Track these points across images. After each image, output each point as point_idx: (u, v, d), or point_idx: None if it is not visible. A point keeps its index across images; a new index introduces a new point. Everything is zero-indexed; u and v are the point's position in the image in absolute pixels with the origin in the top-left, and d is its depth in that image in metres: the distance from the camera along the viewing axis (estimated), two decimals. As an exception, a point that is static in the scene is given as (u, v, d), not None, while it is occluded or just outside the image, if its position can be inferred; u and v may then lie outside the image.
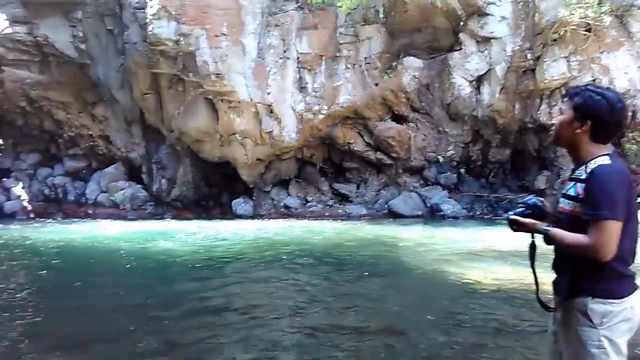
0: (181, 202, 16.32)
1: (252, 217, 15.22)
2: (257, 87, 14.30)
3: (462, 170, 15.73)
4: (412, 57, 14.91)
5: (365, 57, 14.73)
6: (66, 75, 15.58)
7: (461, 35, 14.55)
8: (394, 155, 15.19)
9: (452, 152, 15.43)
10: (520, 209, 2.17)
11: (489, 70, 14.52)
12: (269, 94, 14.42)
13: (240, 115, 14.51)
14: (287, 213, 15.43)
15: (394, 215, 14.52)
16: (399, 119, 15.33)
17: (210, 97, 14.23)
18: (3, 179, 17.08)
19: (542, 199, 2.22)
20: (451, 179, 15.46)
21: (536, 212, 2.14)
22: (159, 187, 16.16)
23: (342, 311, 4.69)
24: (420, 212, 14.66)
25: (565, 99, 2.13)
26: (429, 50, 15.09)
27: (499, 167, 16.05)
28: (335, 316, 4.54)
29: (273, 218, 15.03)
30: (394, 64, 14.91)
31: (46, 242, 9.57)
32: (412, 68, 14.82)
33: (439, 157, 15.38)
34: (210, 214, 16.30)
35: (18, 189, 16.75)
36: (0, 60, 15.23)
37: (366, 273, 6.48)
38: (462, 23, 14.44)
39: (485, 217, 14.49)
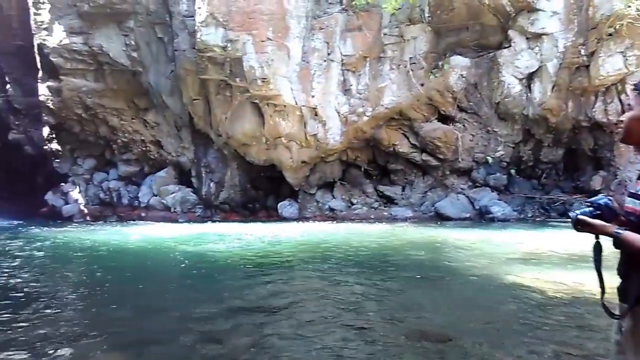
0: (229, 204, 16.64)
1: (297, 220, 15.33)
2: (302, 91, 14.41)
3: (513, 171, 15.29)
4: (458, 56, 14.62)
5: (410, 57, 14.57)
6: (119, 83, 16.20)
7: (510, 32, 14.15)
8: (440, 156, 14.94)
9: (501, 152, 15.03)
10: (588, 209, 2.06)
11: (540, 67, 14.07)
12: (313, 96, 14.50)
13: (286, 119, 14.66)
14: (332, 215, 15.46)
15: (440, 218, 14.28)
16: (445, 119, 15.07)
17: (256, 101, 14.46)
18: (61, 184, 17.92)
19: (612, 198, 2.09)
20: (501, 180, 15.05)
21: (606, 213, 2.02)
22: (208, 191, 16.53)
23: (390, 315, 4.64)
24: (468, 215, 14.35)
25: (635, 94, 1.99)
26: (477, 48, 14.75)
27: (551, 167, 15.52)
28: (384, 320, 4.49)
29: (318, 220, 15.08)
30: (440, 63, 14.66)
31: (103, 244, 9.97)
32: (459, 67, 14.54)
33: (487, 157, 15.00)
34: (256, 216, 16.54)
35: (75, 193, 17.54)
36: (58, 69, 16.01)
37: (416, 276, 6.39)
38: (511, 19, 14.05)
39: (538, 219, 14.02)
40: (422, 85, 14.60)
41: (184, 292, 5.55)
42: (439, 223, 13.75)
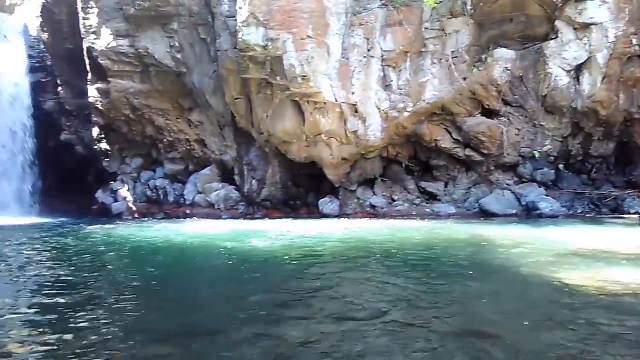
0: (270, 202, 16.85)
1: (338, 217, 15.37)
2: (342, 88, 14.41)
3: (561, 166, 14.81)
4: (503, 49, 14.26)
5: (453, 51, 14.32)
6: (165, 84, 16.66)
7: (557, 23, 13.69)
8: (485, 151, 14.63)
9: (549, 147, 14.58)
10: None
11: (589, 58, 13.56)
12: (353, 93, 14.48)
13: (326, 116, 14.70)
14: (373, 212, 15.40)
15: (485, 215, 13.99)
16: (489, 113, 14.74)
17: (296, 99, 14.56)
18: (111, 182, 18.61)
19: None
20: (549, 176, 14.60)
21: None
22: (250, 188, 16.79)
23: (436, 312, 4.59)
24: (514, 211, 14.00)
25: None
26: (522, 40, 14.34)
27: (602, 161, 14.94)
28: (429, 317, 4.45)
29: (359, 217, 15.07)
30: (483, 56, 14.35)
31: (152, 240, 10.29)
32: (503, 60, 14.18)
33: (534, 152, 14.58)
34: (298, 213, 16.69)
35: (124, 191, 18.18)
36: (106, 72, 16.61)
37: (461, 273, 6.29)
38: (557, 10, 13.58)
39: (588, 216, 13.53)
40: (465, 79, 14.33)
41: (232, 287, 5.67)
42: (482, 219, 13.49)
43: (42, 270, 6.87)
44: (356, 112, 14.67)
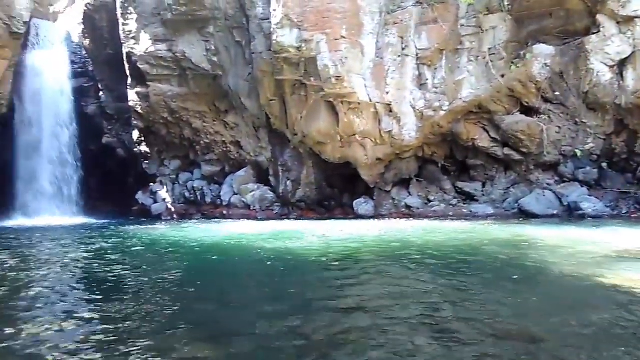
0: (305, 202, 16.93)
1: (373, 217, 15.29)
2: (376, 87, 14.34)
3: (604, 165, 14.28)
4: (542, 44, 13.87)
5: (490, 48, 14.04)
6: (201, 87, 16.98)
7: (599, 17, 13.21)
8: (524, 150, 14.28)
9: (591, 144, 14.09)
10: None
11: (633, 53, 13.02)
12: (387, 93, 14.39)
13: (360, 116, 14.66)
14: (409, 213, 15.26)
15: (525, 215, 13.65)
16: (528, 111, 14.37)
17: (330, 99, 14.57)
18: (150, 184, 19.09)
19: None
20: (591, 175, 14.11)
21: None
22: (285, 189, 16.91)
23: (474, 314, 4.50)
24: (555, 212, 13.60)
25: None
26: (562, 35, 13.91)
27: (648, 159, 14.33)
28: (467, 319, 4.37)
29: (394, 218, 14.96)
30: (521, 52, 14.00)
31: (190, 240, 10.50)
32: (542, 56, 13.79)
33: (576, 150, 14.13)
34: (332, 214, 16.70)
35: (163, 193, 18.63)
36: (145, 76, 17.06)
37: (499, 275, 6.16)
38: (599, 4, 13.11)
39: (634, 216, 13.01)
40: (502, 76, 14.02)
41: (270, 287, 5.72)
42: (521, 219, 13.17)
43: (86, 268, 7.11)
44: (390, 111, 14.57)
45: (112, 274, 6.61)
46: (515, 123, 14.21)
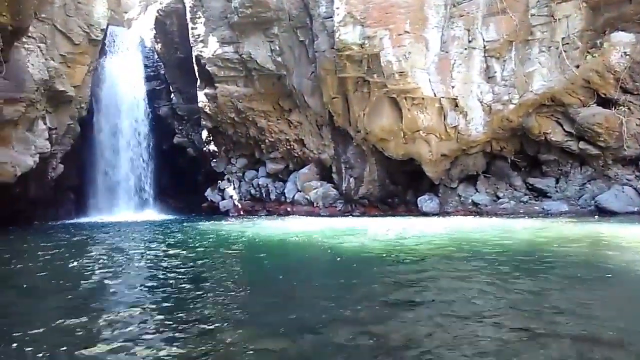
0: (368, 199, 16.88)
1: (438, 214, 15.00)
2: (441, 82, 14.04)
3: (693, 159, 13.23)
4: (621, 32, 13.02)
5: (563, 38, 13.35)
6: (266, 87, 17.34)
7: (687, -1, 12.23)
8: (601, 144, 13.47)
9: (677, 137, 13.08)
10: None
11: None
12: (453, 87, 14.05)
13: (424, 112, 14.42)
14: (476, 210, 14.83)
15: (602, 212, 12.88)
16: (606, 103, 13.54)
17: (394, 95, 14.43)
18: (218, 181, 19.74)
19: None
20: (677, 170, 13.11)
21: None
22: (348, 186, 16.94)
23: (550, 316, 4.31)
24: (636, 209, 12.76)
25: None
26: (643, 21, 13.00)
27: None
28: (544, 321, 4.19)
29: (460, 215, 14.59)
30: (598, 41, 13.21)
31: (259, 236, 10.77)
32: (621, 44, 12.95)
33: (659, 144, 13.17)
34: (396, 211, 16.54)
35: (230, 190, 19.21)
36: (213, 77, 17.65)
37: (576, 276, 5.87)
38: (688, -17, 12.13)
39: None
40: (577, 67, 13.30)
41: (337, 283, 5.76)
42: (595, 217, 12.44)
43: (161, 262, 7.48)
44: (456, 106, 14.22)
45: (184, 268, 6.90)
46: (591, 116, 13.43)
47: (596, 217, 12.55)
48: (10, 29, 9.53)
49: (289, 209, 17.54)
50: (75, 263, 7.20)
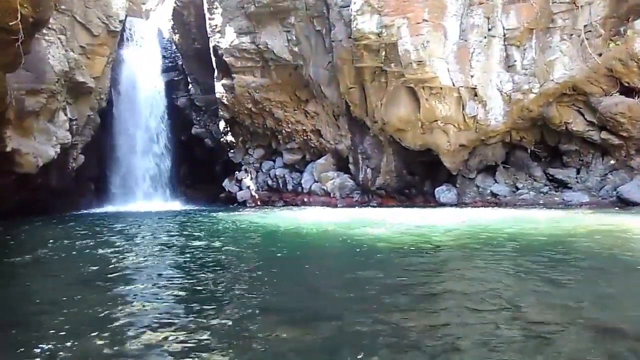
0: (385, 190, 16.81)
1: (455, 205, 14.88)
2: (460, 71, 13.86)
3: None
4: (646, 18, 12.68)
5: (585, 25, 13.06)
6: (283, 77, 17.32)
7: None
8: (624, 134, 13.19)
9: (703, 127, 12.74)
10: None
11: None
12: (472, 76, 13.86)
13: (442, 101, 14.27)
14: (495, 201, 14.67)
15: (624, 203, 12.64)
16: (629, 91, 13.23)
17: (411, 85, 14.30)
18: (236, 172, 19.85)
19: None
20: (703, 160, 12.78)
21: None
22: (365, 177, 16.89)
23: (569, 309, 4.25)
24: (660, 200, 12.49)
25: None
26: (670, 7, 12.63)
27: None
28: (563, 314, 4.13)
29: (478, 206, 14.45)
30: (622, 29, 12.88)
31: (276, 226, 10.82)
32: (647, 31, 12.61)
33: (684, 133, 12.84)
34: (413, 201, 16.45)
35: (247, 180, 19.32)
36: (230, 68, 17.67)
37: (597, 267, 5.78)
38: None
39: None
40: (599, 55, 13.00)
41: (353, 274, 5.76)
42: (616, 208, 12.22)
43: (181, 252, 7.57)
44: (475, 95, 14.04)
45: (206, 257, 6.97)
46: (614, 105, 13.14)
47: (617, 208, 12.33)
48: (31, 21, 9.64)
49: (305, 200, 17.57)
50: (100, 251, 7.33)
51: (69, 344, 3.35)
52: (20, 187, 14.06)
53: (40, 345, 3.30)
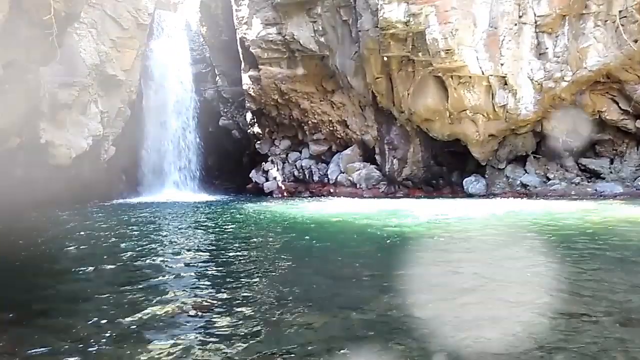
0: (412, 181, 16.69)
1: (484, 196, 14.67)
2: (489, 59, 13.60)
3: None
4: (687, 2, 12.19)
5: (620, 11, 12.64)
6: (309, 68, 17.30)
7: None
8: (660, 123, 12.78)
9: None
10: None
11: None
12: (502, 64, 13.58)
13: (471, 91, 14.04)
14: (525, 192, 14.41)
15: (661, 195, 12.28)
16: (667, 79, 12.79)
17: (439, 74, 14.11)
18: (262, 163, 19.98)
19: None
20: None
21: None
22: (391, 167, 16.80)
23: (600, 300, 4.16)
24: (698, 191, 12.07)
25: None
26: None
27: None
28: (593, 305, 4.05)
29: (508, 197, 14.22)
30: (660, 13, 12.43)
31: (303, 216, 10.87)
32: (687, 15, 12.13)
33: None
34: (440, 192, 16.29)
35: (274, 171, 19.43)
36: (257, 59, 17.74)
37: (632, 260, 5.64)
38: None
39: None
40: (635, 41, 12.57)
41: (383, 265, 5.77)
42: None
43: (211, 241, 7.70)
44: (505, 84, 13.76)
45: (235, 247, 7.08)
46: (651, 92, 12.73)
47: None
48: (64, 15, 9.88)
49: (331, 190, 17.59)
50: (133, 242, 7.51)
51: (107, 325, 3.45)
52: (54, 179, 14.47)
53: (80, 326, 3.41)
